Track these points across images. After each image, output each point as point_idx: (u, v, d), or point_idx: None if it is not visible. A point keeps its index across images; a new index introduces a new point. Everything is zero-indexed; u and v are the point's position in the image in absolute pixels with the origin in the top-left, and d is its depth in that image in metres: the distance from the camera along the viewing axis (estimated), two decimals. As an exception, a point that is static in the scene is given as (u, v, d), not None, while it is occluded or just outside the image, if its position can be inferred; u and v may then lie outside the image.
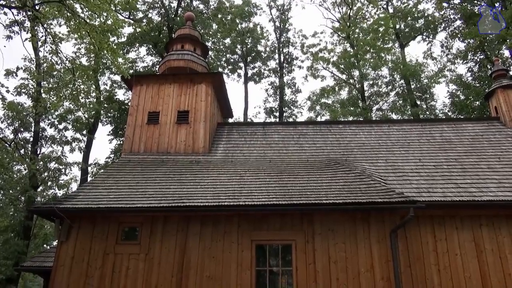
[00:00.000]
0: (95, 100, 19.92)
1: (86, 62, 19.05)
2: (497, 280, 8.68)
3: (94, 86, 14.09)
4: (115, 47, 9.36)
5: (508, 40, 20.20)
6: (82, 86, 9.98)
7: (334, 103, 28.49)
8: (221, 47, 29.33)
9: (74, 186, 20.81)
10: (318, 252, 8.54)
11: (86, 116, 20.33)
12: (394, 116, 27.03)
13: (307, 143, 13.37)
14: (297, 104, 29.95)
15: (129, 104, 14.42)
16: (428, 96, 27.20)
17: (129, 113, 13.58)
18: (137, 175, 10.90)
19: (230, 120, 21.53)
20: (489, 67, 22.58)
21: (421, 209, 8.58)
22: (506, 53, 23.75)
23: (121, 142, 21.79)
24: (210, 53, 26.33)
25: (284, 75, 29.94)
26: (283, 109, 28.86)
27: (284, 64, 30.45)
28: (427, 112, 26.48)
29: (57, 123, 20.14)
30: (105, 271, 8.71)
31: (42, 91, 18.33)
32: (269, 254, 8.99)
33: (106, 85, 23.91)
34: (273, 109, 29.11)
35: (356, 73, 28.25)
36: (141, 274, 8.64)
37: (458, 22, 26.27)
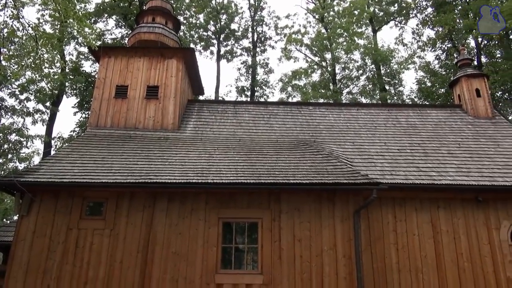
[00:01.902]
0: (59, 70, 19.12)
1: (51, 30, 18.20)
2: (450, 259, 9.18)
3: (59, 56, 13.50)
4: (82, 15, 8.94)
5: (474, 30, 20.80)
6: (46, 55, 9.52)
7: (306, 85, 28.64)
8: (194, 21, 28.68)
9: (36, 160, 20.17)
10: (283, 230, 8.72)
11: (50, 87, 19.55)
12: (363, 100, 27.55)
13: (277, 123, 13.45)
14: (269, 84, 29.92)
15: (96, 76, 13.96)
16: (397, 81, 27.82)
17: (95, 86, 13.16)
18: (103, 150, 10.67)
19: (201, 98, 21.29)
20: (455, 55, 23.25)
21: (383, 191, 8.90)
22: (473, 43, 24.50)
23: (87, 116, 21.15)
24: (182, 28, 25.71)
25: (257, 54, 29.73)
26: (255, 89, 28.76)
27: (258, 43, 30.20)
28: (395, 97, 27.13)
29: (18, 93, 19.28)
30: (68, 246, 8.58)
31: (2, 59, 17.41)
32: (236, 232, 9.10)
33: (72, 56, 23.01)
34: (245, 88, 28.95)
35: (328, 56, 28.42)
36: (105, 249, 8.57)
37: (429, 10, 26.82)
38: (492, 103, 14.43)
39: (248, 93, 28.57)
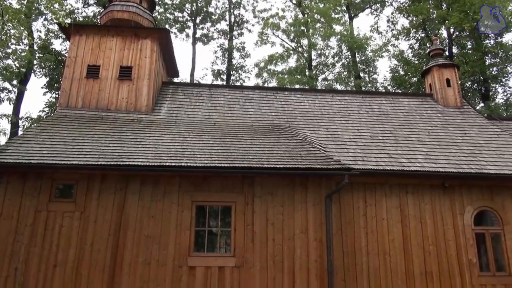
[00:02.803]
0: (27, 47, 18.38)
1: (17, 5, 17.38)
2: (416, 242, 9.53)
3: (26, 32, 12.94)
4: (51, -10, 8.57)
5: (447, 21, 21.25)
6: (12, 31, 9.10)
7: (282, 71, 28.60)
8: (170, 2, 28.00)
9: (2, 140, 19.46)
10: (256, 214, 8.80)
11: (17, 64, 18.77)
12: (338, 87, 27.82)
13: (252, 107, 13.43)
14: (245, 68, 29.70)
15: (67, 55, 13.49)
16: (371, 69, 28.21)
17: (66, 65, 12.72)
18: (73, 131, 10.39)
19: (176, 80, 20.96)
20: (428, 45, 23.70)
21: (355, 176, 9.10)
22: (445, 33, 25.04)
23: (57, 96, 20.49)
24: (157, 8, 25.06)
25: (234, 37, 29.35)
26: (231, 73, 28.52)
27: (235, 26, 29.81)
28: (369, 85, 27.56)
29: (-18, 69, 18.44)
30: (36, 229, 8.39)
31: (-35, 33, 16.54)
32: (209, 215, 9.13)
33: (41, 33, 22.12)
34: (221, 72, 28.65)
35: (305, 41, 28.44)
36: (75, 232, 8.43)
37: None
38: (461, 93, 14.87)
39: (224, 77, 28.31)
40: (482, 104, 24.19)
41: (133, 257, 8.32)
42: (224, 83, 27.59)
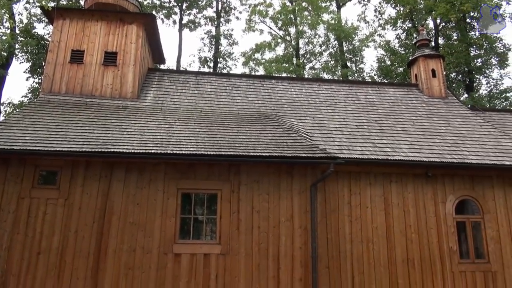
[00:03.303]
0: (8, 31, 17.91)
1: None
2: (399, 230, 9.71)
3: (7, 15, 12.58)
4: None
5: (433, 12, 21.37)
6: (-7, 14, 8.84)
7: (269, 61, 28.43)
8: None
9: (-16, 126, 18.97)
10: (242, 201, 8.84)
11: (-2, 48, 18.27)
12: (325, 76, 27.85)
13: (239, 95, 13.38)
14: (232, 56, 29.49)
15: (50, 39, 13.18)
16: (358, 58, 28.30)
17: (49, 49, 12.45)
18: (57, 117, 10.22)
19: (162, 67, 20.71)
20: (415, 35, 23.85)
21: (340, 165, 9.19)
22: (431, 24, 25.21)
23: (40, 81, 20.07)
24: (143, -8, 24.60)
25: (221, 24, 29.04)
26: (218, 60, 28.29)
27: (222, 13, 29.48)
28: (356, 74, 27.67)
29: (-38, 53, 17.93)
30: (19, 216, 8.28)
31: None
32: (195, 203, 9.13)
33: (21, 16, 21.54)
34: (208, 59, 28.39)
35: (292, 30, 28.31)
36: (59, 219, 8.35)
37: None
38: (446, 83, 15.05)
39: (211, 65, 28.08)
40: (466, 95, 24.54)
41: (118, 244, 8.29)
42: (211, 70, 27.37)
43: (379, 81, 24.96)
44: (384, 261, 9.47)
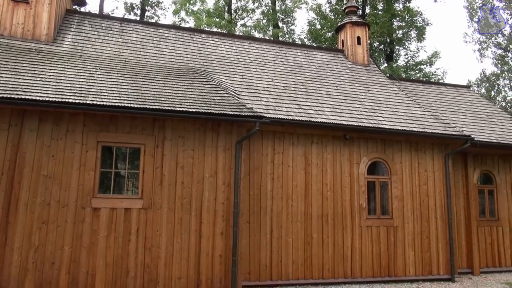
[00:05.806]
0: None
1: None
2: (316, 188, 10.34)
3: None
4: None
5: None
6: None
7: (199, 11, 27.42)
8: None
9: None
10: (166, 157, 8.73)
11: None
12: (256, 35, 27.65)
13: (167, 48, 12.84)
14: (161, 5, 27.91)
15: None
16: (290, 19, 28.40)
17: None
18: (-45, 56, 9.04)
19: (83, 10, 19.00)
20: (345, 1, 24.41)
21: (266, 125, 9.41)
22: (361, -9, 25.89)
23: None
24: None
25: (150, -32, 27.15)
26: (146, 8, 26.65)
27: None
28: (287, 36, 27.84)
29: None
30: None
31: None
32: (117, 157, 8.83)
33: None
34: (134, 6, 26.62)
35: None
36: (-40, 170, 7.60)
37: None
38: (369, 51, 15.79)
39: (138, 12, 26.41)
40: (385, 64, 26.05)
41: (30, 197, 7.80)
42: (138, 18, 25.75)
43: (309, 44, 25.42)
44: (301, 216, 10.09)
